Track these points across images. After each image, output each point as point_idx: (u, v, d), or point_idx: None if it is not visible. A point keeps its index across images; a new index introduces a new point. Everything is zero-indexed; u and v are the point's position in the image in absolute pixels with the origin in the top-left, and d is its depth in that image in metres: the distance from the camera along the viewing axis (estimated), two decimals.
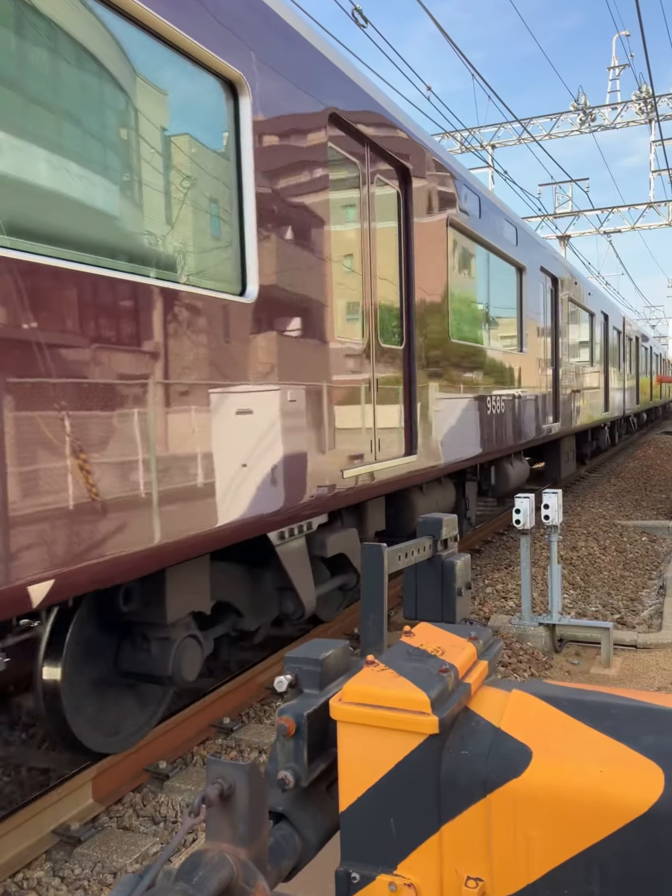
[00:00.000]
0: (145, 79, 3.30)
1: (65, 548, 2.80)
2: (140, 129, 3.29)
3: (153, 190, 3.38)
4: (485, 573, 8.57)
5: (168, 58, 3.44)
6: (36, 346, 2.65)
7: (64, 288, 2.77)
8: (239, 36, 3.82)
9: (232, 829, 1.44)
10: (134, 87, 3.24)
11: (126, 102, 3.20)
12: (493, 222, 8.54)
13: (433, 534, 2.65)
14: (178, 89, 3.52)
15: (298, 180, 4.41)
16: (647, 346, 29.48)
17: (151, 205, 3.36)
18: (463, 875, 1.52)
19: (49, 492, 2.74)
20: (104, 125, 3.10)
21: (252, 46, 3.93)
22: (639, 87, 23.32)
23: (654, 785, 1.39)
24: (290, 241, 4.32)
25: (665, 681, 5.46)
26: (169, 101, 3.46)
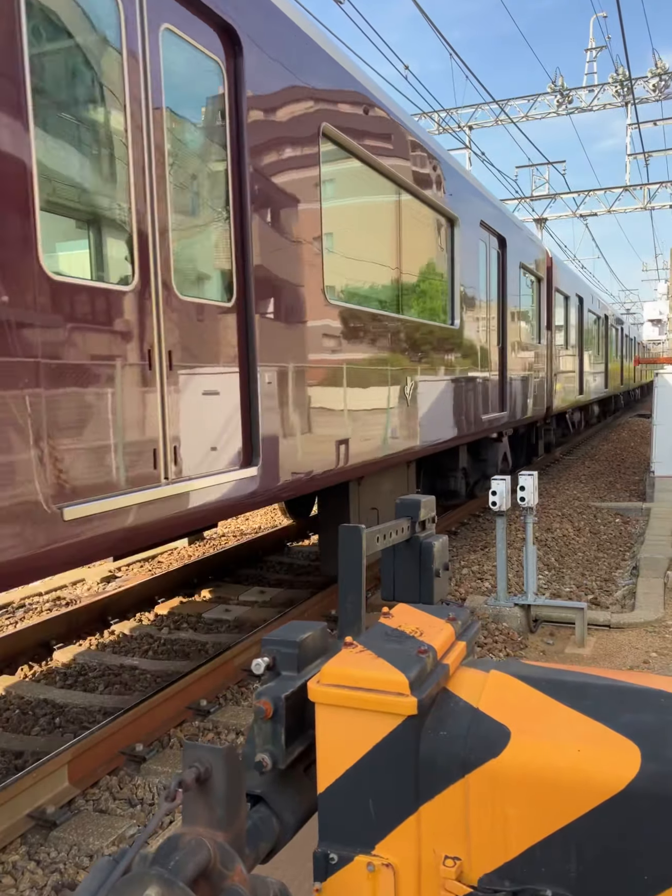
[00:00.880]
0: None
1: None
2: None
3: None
4: (461, 555, 8.62)
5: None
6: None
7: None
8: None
9: (209, 812, 1.43)
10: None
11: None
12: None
13: (411, 515, 2.64)
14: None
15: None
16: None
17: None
18: (441, 854, 1.52)
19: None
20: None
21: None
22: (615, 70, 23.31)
23: (630, 763, 1.40)
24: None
25: (638, 660, 5.54)
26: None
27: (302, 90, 4.74)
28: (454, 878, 1.49)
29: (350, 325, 5.51)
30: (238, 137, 4.09)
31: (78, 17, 3.08)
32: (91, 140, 3.15)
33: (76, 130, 3.10)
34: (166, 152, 3.56)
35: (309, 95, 4.83)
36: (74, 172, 3.08)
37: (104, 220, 3.25)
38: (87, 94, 3.14)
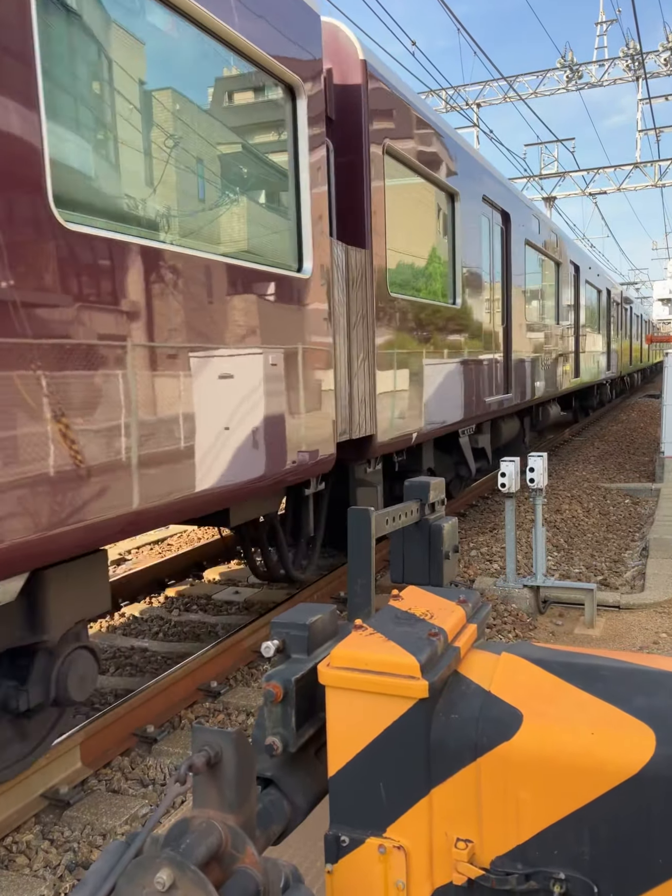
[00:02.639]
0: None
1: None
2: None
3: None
4: (469, 536, 8.61)
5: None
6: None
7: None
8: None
9: (219, 795, 1.43)
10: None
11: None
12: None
13: (420, 497, 2.62)
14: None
15: None
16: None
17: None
18: (453, 837, 1.52)
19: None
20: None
21: None
22: (626, 44, 22.93)
23: (645, 746, 1.38)
24: None
25: (647, 640, 5.53)
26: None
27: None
28: (466, 860, 1.48)
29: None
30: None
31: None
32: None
33: None
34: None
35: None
36: None
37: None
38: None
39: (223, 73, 4.05)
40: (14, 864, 3.30)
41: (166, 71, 3.62)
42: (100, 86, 3.17)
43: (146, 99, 3.48)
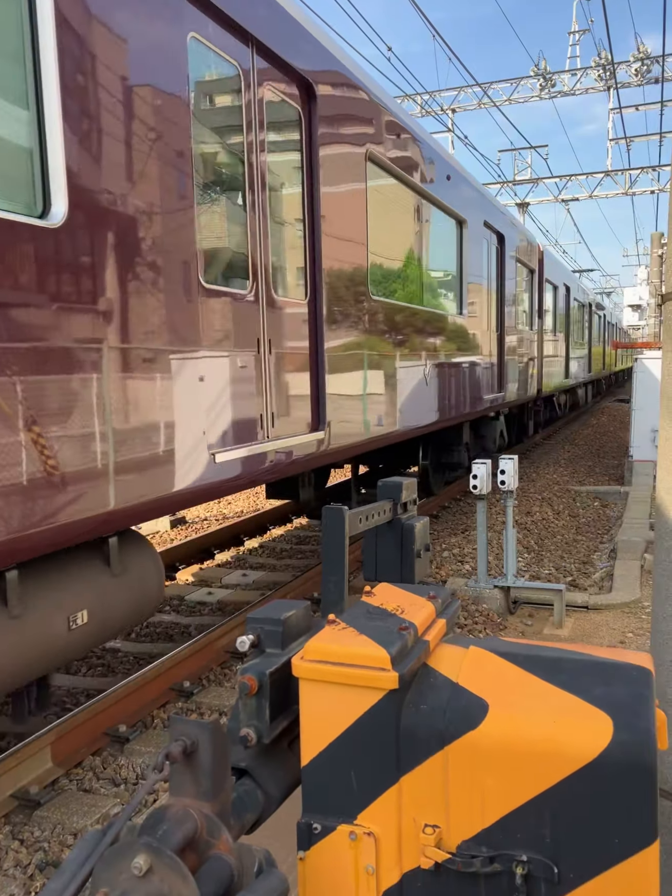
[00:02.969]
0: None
1: None
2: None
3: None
4: (442, 538, 8.71)
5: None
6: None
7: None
8: None
9: (195, 784, 1.47)
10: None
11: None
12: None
13: (393, 497, 2.68)
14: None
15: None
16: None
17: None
18: (421, 823, 1.57)
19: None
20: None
21: None
22: (598, 54, 23.29)
23: (603, 733, 1.45)
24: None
25: (615, 640, 5.65)
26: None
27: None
28: (433, 845, 1.54)
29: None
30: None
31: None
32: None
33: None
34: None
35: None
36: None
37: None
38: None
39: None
40: None
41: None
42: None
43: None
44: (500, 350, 11.24)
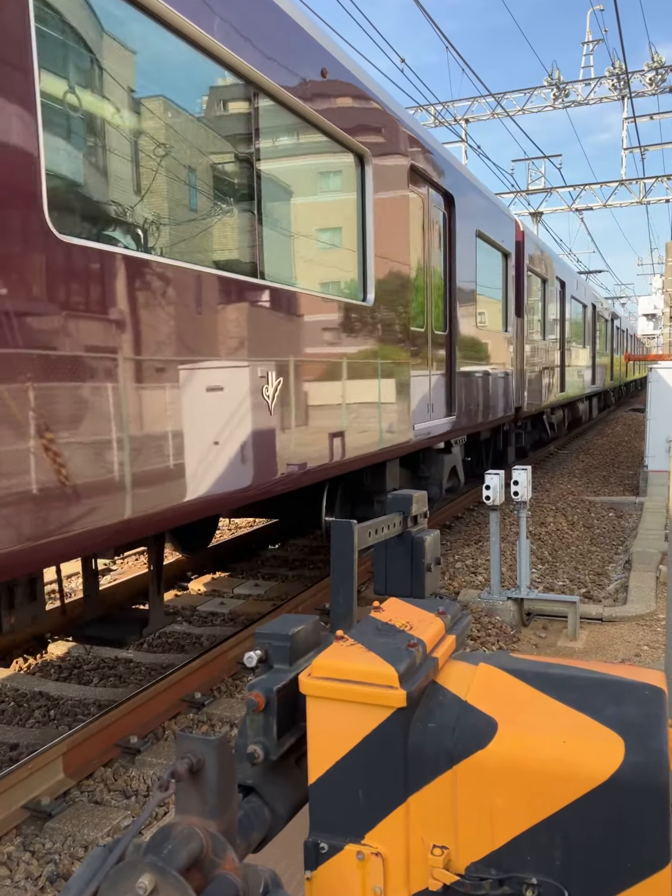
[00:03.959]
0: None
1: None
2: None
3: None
4: (455, 549, 8.66)
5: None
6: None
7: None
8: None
9: (201, 802, 1.45)
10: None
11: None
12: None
13: (403, 510, 2.67)
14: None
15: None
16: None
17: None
18: (429, 843, 1.55)
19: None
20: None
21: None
22: (612, 63, 23.28)
23: (614, 754, 1.43)
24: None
25: (629, 653, 5.59)
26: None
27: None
28: (442, 866, 1.52)
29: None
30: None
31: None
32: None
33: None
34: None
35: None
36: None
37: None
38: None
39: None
40: None
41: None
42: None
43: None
44: (449, 358, 7.97)
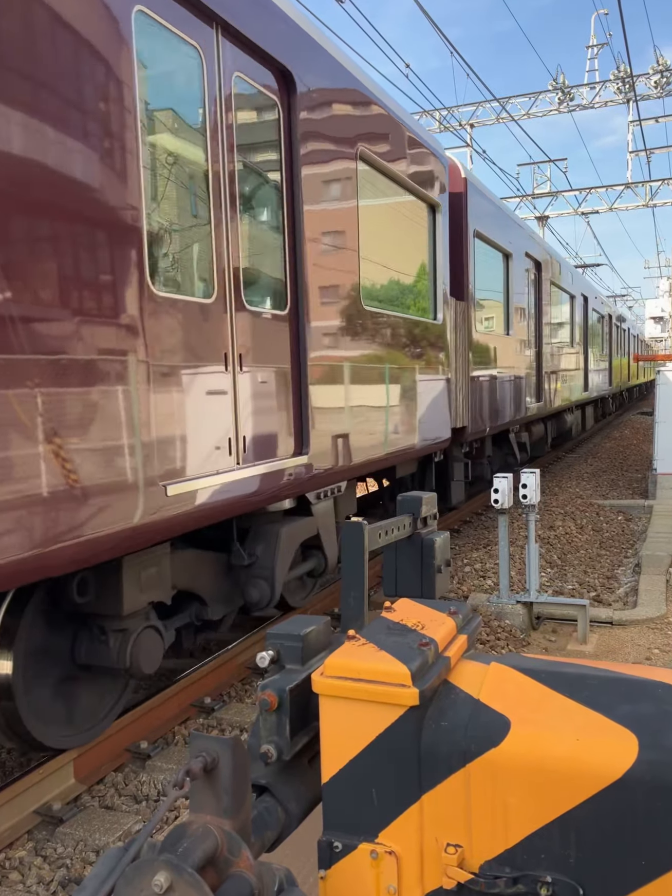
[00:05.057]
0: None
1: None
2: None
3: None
4: (463, 552, 8.65)
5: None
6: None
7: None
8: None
9: (215, 801, 1.46)
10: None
11: None
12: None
13: (413, 511, 2.67)
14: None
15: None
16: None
17: None
18: (443, 842, 1.55)
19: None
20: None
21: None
22: (617, 67, 23.30)
23: (628, 751, 1.43)
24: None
25: (640, 656, 5.56)
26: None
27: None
28: (456, 864, 1.52)
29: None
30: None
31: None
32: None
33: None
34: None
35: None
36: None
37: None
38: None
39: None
40: (7, 879, 3.30)
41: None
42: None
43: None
44: (296, 365, 4.84)
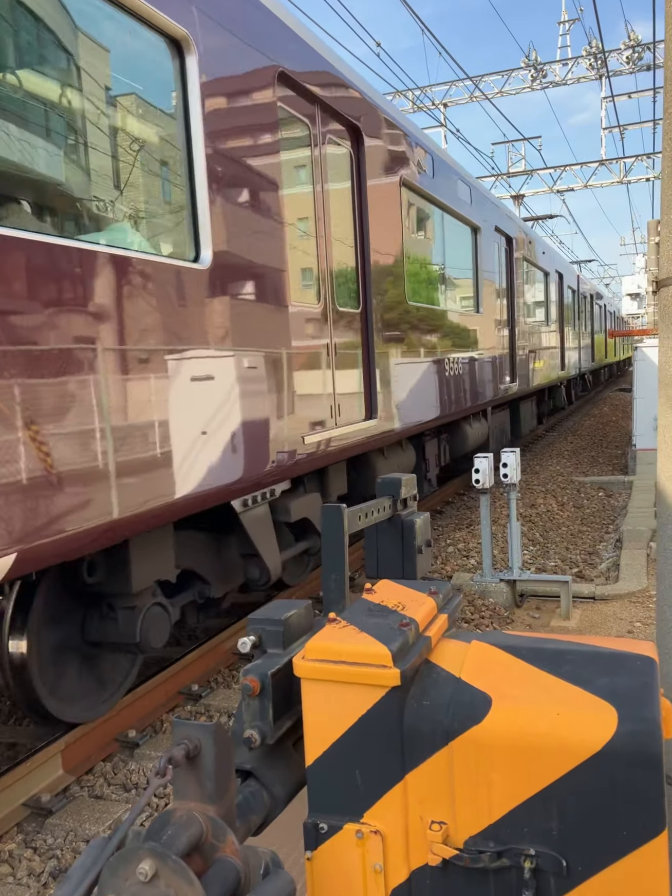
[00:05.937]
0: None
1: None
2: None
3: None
4: (446, 533, 8.69)
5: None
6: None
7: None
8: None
9: (199, 787, 1.46)
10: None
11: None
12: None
13: (392, 494, 2.67)
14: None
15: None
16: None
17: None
18: (427, 820, 1.56)
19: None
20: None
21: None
22: (589, 43, 23.22)
23: (608, 724, 1.44)
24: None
25: (622, 630, 5.63)
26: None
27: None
28: (440, 841, 1.53)
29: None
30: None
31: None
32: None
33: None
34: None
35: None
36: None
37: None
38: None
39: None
40: None
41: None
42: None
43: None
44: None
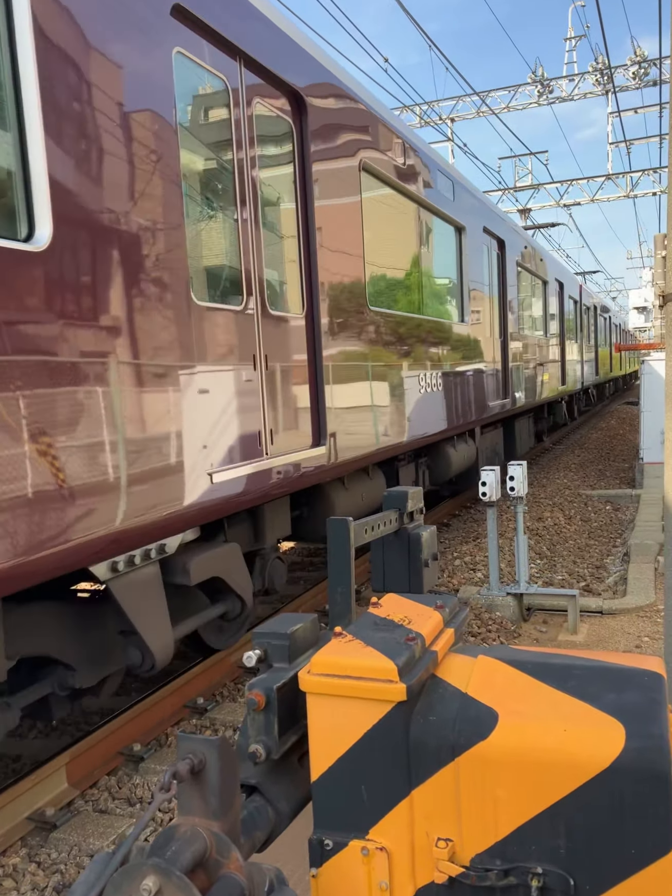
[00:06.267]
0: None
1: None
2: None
3: None
4: (453, 546, 8.66)
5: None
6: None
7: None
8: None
9: (204, 803, 1.45)
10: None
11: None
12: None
13: (399, 507, 2.67)
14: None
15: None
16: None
17: None
18: (433, 836, 1.55)
19: None
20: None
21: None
22: (595, 59, 23.35)
23: (615, 740, 1.43)
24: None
25: (630, 644, 5.59)
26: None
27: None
28: (447, 858, 1.51)
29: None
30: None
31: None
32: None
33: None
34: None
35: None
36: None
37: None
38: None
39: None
40: (1, 887, 3.28)
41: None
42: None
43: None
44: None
